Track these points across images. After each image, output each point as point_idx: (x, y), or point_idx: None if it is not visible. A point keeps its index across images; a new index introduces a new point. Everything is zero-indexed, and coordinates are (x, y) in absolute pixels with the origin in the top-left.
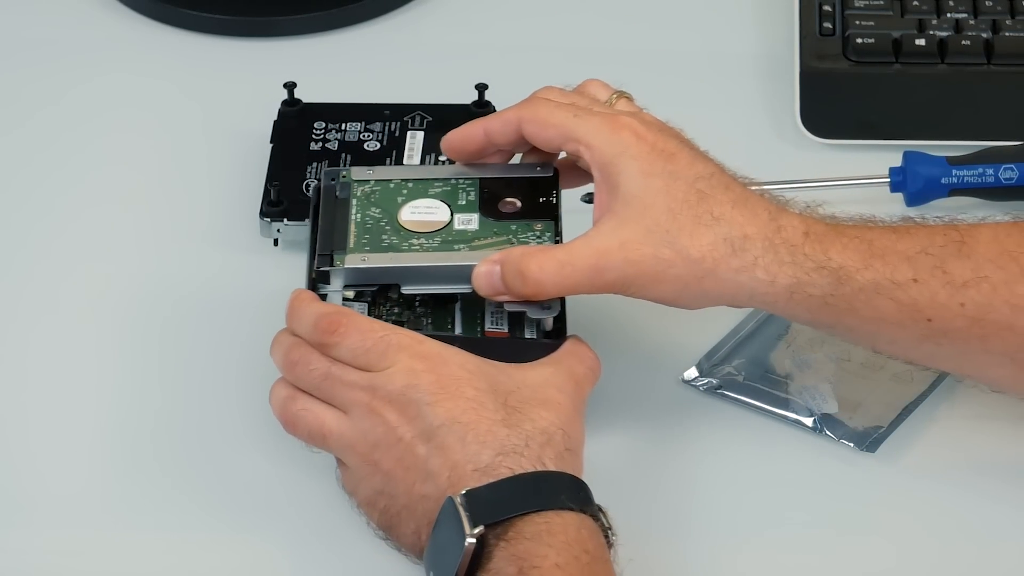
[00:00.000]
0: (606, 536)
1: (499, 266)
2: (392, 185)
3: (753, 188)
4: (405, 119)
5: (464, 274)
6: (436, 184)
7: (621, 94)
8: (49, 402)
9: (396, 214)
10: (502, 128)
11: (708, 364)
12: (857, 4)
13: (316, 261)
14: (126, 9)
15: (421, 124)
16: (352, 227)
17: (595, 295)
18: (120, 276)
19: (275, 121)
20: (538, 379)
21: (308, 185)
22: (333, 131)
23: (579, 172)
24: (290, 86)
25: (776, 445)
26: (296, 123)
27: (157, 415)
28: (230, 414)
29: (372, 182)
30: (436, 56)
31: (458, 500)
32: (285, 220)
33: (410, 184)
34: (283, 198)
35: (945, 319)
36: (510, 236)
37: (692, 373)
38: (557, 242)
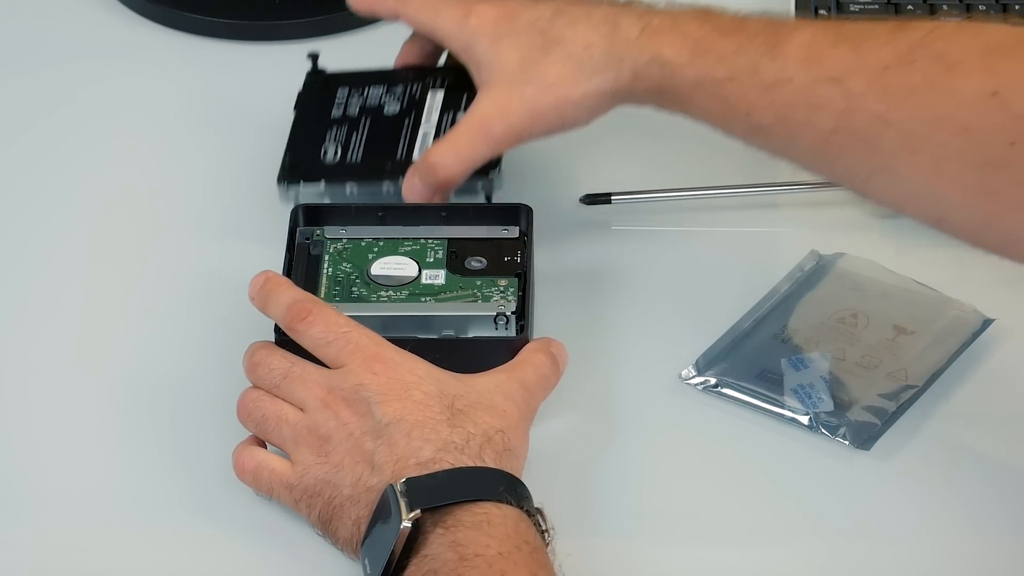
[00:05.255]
0: (543, 535)
1: (415, 176)
2: (363, 243)
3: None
4: (427, 80)
5: (428, 323)
6: (406, 243)
7: None
8: (56, 400)
9: (366, 269)
10: (385, 14)
11: (705, 363)
12: (852, 9)
13: None
14: (131, 13)
15: (442, 83)
16: (324, 280)
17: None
18: (124, 276)
19: (299, 92)
20: (487, 385)
21: (326, 151)
22: (355, 96)
23: None
24: (314, 56)
25: (772, 443)
26: (320, 92)
27: (162, 413)
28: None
29: (344, 240)
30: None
31: (398, 488)
32: (302, 183)
33: (381, 243)
34: (300, 163)
35: (759, 116)
36: (475, 291)
37: (689, 372)
38: (520, 297)
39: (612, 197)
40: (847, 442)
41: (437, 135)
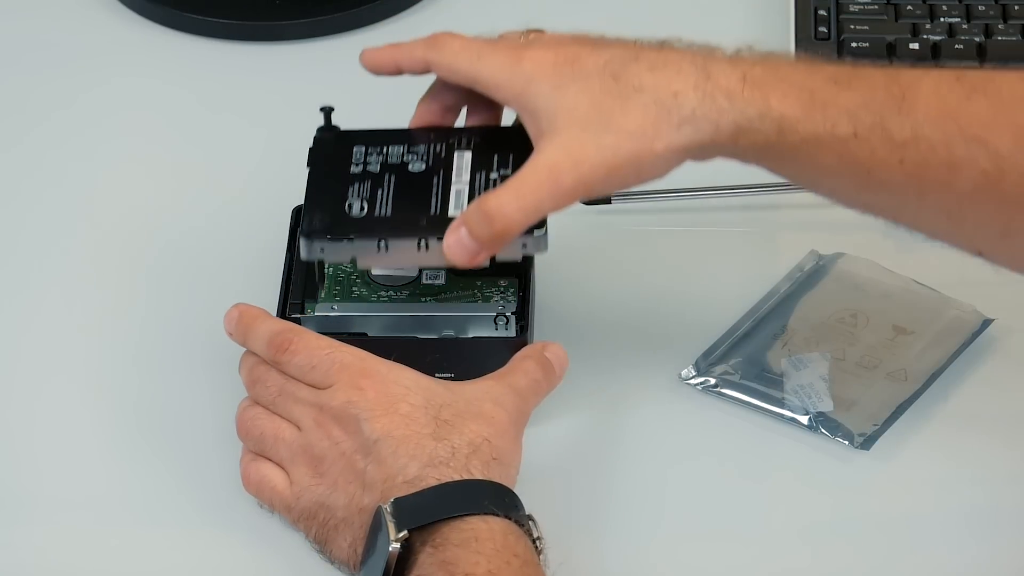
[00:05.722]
0: (534, 544)
1: (463, 227)
2: None
3: (679, 44)
4: (450, 140)
5: (428, 323)
6: None
7: (533, 31)
8: (58, 400)
9: (367, 269)
10: (412, 66)
11: (705, 363)
12: (852, 9)
13: (288, 308)
14: (131, 13)
15: (468, 144)
16: (324, 279)
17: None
18: (123, 276)
19: (311, 148)
20: (476, 393)
21: (351, 205)
22: (374, 154)
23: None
24: (327, 111)
25: (772, 443)
26: (334, 148)
27: (165, 414)
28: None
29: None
30: None
31: (386, 509)
32: (329, 238)
33: None
34: (324, 217)
35: (884, 173)
36: (475, 291)
37: (689, 372)
38: (520, 297)
39: (612, 197)
40: (847, 442)
41: (472, 195)
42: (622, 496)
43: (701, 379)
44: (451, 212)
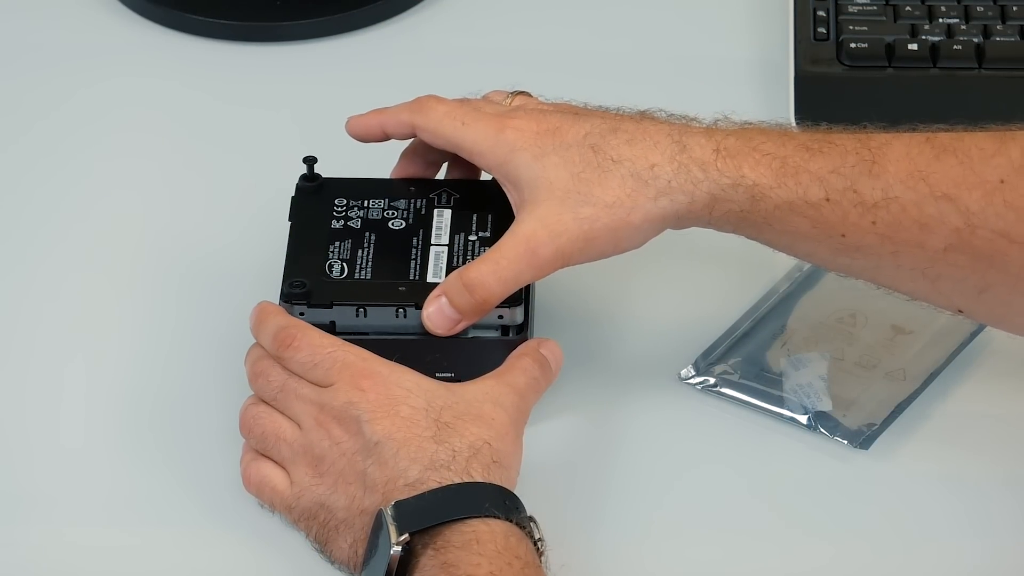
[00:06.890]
0: (536, 545)
1: (443, 296)
2: None
3: (658, 116)
4: (431, 196)
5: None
6: None
7: (518, 93)
8: (59, 398)
9: None
10: (398, 130)
11: (704, 363)
12: (851, 10)
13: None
14: (131, 14)
15: (448, 202)
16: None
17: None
18: (125, 277)
19: (293, 197)
20: (476, 394)
21: (331, 265)
22: (355, 208)
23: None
24: (310, 161)
25: (771, 442)
26: (316, 200)
27: (169, 413)
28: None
29: None
30: (440, 60)
31: (388, 512)
32: (307, 303)
33: None
34: (304, 281)
35: (857, 236)
36: None
37: (689, 371)
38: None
39: None
40: (845, 442)
41: (451, 257)
42: (621, 496)
43: (701, 379)
44: (430, 277)
